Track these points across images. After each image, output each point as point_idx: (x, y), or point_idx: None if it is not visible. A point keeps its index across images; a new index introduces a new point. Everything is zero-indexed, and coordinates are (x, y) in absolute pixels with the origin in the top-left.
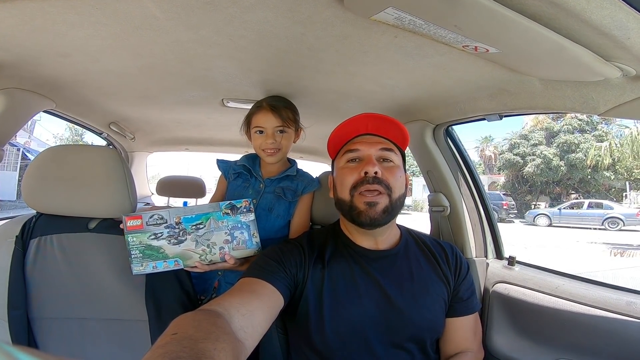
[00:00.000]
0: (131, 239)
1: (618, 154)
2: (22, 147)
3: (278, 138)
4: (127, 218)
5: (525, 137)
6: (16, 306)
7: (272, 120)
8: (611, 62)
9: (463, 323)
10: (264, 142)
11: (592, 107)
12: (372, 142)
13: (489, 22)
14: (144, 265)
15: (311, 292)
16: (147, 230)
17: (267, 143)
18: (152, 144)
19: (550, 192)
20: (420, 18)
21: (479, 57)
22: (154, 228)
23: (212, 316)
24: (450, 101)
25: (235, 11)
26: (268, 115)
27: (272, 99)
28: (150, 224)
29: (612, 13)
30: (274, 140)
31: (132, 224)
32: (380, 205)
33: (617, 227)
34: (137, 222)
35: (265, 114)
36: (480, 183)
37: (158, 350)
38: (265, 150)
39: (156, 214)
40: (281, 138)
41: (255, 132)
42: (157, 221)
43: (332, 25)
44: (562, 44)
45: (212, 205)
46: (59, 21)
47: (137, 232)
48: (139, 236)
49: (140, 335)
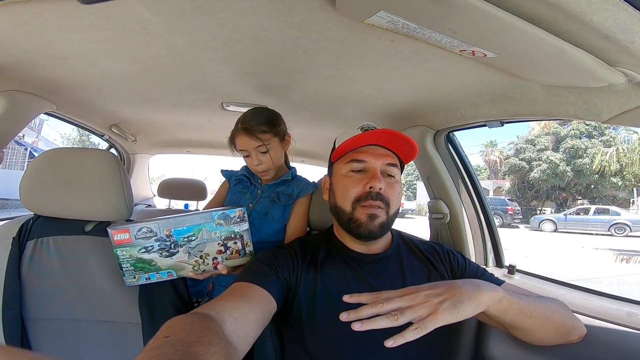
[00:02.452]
0: (120, 252)
1: (626, 160)
2: (30, 146)
3: (262, 158)
4: (113, 232)
5: (531, 142)
6: (10, 306)
7: (249, 142)
8: (615, 67)
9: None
10: (251, 163)
11: (596, 114)
12: (379, 155)
13: (485, 25)
14: (136, 277)
15: (304, 296)
16: (137, 243)
17: (253, 165)
18: (154, 146)
19: (556, 198)
20: (413, 21)
21: (478, 61)
22: (143, 241)
23: (204, 319)
24: (451, 107)
25: (228, 15)
26: (244, 138)
27: (249, 115)
28: (139, 237)
29: (614, 15)
30: (259, 162)
31: (120, 238)
32: (379, 219)
33: (623, 233)
34: (124, 236)
35: (241, 137)
36: (481, 190)
37: (150, 352)
38: (257, 172)
39: (145, 227)
40: (265, 157)
41: (241, 154)
42: (147, 234)
43: (327, 29)
44: (563, 48)
45: (204, 216)
46: (53, 25)
47: (126, 246)
48: (129, 250)
49: (133, 338)
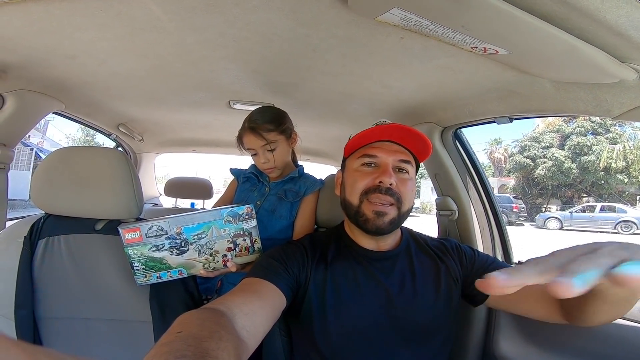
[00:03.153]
0: (131, 251)
1: (632, 157)
2: (36, 147)
3: (269, 156)
4: (124, 231)
5: (536, 140)
6: (23, 306)
7: (256, 141)
8: (626, 64)
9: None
10: (258, 161)
11: (606, 109)
12: (392, 151)
13: (498, 22)
14: (147, 276)
15: (314, 293)
16: (147, 242)
17: (260, 163)
18: (160, 145)
19: (561, 196)
20: (426, 19)
21: (488, 58)
22: (154, 240)
23: (215, 315)
24: (459, 103)
25: (239, 13)
26: (251, 137)
27: (255, 114)
28: (150, 236)
29: (628, 12)
30: (266, 160)
31: (131, 237)
32: (388, 217)
33: (630, 230)
34: (135, 235)
35: (249, 136)
36: (489, 187)
37: (163, 347)
38: (264, 170)
39: (155, 225)
40: (272, 155)
41: (249, 153)
42: (157, 232)
43: (336, 26)
44: (575, 44)
45: (214, 214)
46: (64, 23)
47: (137, 245)
48: (139, 249)
49: (144, 336)
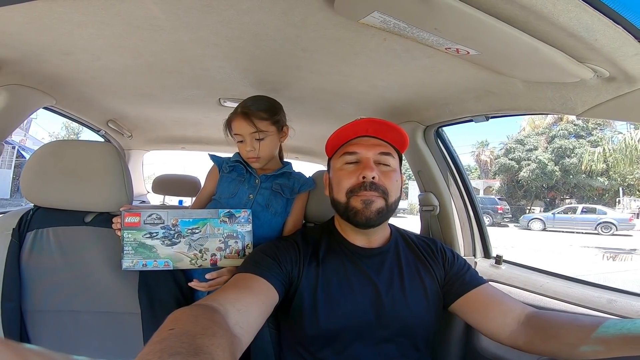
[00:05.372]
0: (127, 234)
1: (612, 160)
2: (18, 145)
3: (256, 145)
4: (126, 214)
5: (520, 142)
6: (10, 298)
7: (246, 127)
8: (584, 64)
9: (480, 293)
10: (243, 149)
11: (571, 107)
12: (371, 145)
13: (466, 25)
14: (134, 262)
15: (306, 289)
16: (144, 228)
17: (246, 151)
18: (149, 142)
19: (544, 197)
20: (403, 21)
21: (463, 59)
22: (150, 227)
23: (208, 311)
24: (440, 103)
25: (233, 14)
26: (242, 122)
27: (250, 101)
28: (147, 223)
29: (577, 15)
30: (252, 148)
31: (130, 221)
32: (375, 204)
33: (609, 231)
34: (135, 219)
35: (239, 121)
36: (469, 184)
37: (156, 345)
38: (248, 158)
39: (155, 214)
40: (259, 144)
41: (236, 139)
42: (155, 220)
43: (324, 27)
44: (536, 46)
45: (211, 212)
46: (65, 20)
47: (134, 229)
48: (134, 233)
49: (133, 328)
